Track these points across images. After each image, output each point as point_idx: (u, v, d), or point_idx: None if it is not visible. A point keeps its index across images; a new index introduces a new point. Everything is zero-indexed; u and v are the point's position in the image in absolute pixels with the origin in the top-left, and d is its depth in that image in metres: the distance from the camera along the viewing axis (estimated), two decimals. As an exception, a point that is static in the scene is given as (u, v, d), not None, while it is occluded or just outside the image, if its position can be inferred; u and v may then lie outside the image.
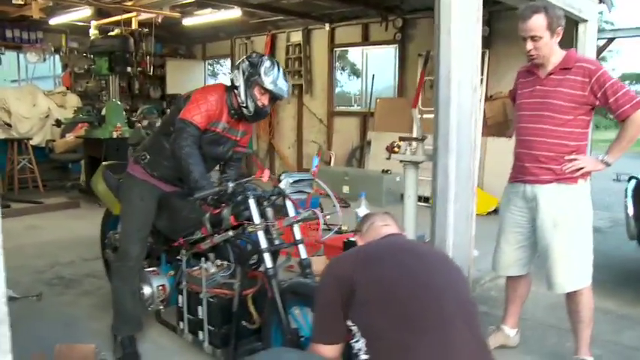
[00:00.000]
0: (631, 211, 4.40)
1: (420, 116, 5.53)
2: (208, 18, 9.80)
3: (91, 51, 8.93)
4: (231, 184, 2.76)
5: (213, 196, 2.80)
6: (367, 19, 9.87)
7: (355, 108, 11.20)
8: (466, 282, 2.14)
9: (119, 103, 8.83)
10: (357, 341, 1.90)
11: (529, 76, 3.19)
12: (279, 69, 3.09)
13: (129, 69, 9.21)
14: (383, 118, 9.36)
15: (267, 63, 3.06)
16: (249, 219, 2.73)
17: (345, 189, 8.51)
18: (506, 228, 3.30)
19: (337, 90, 11.10)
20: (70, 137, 9.12)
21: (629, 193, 4.51)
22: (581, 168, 2.99)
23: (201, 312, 3.04)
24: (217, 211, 2.89)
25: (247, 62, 3.09)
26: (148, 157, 3.30)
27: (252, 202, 2.72)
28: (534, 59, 3.04)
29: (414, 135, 6.87)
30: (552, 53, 3.02)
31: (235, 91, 3.10)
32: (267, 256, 2.69)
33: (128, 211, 3.32)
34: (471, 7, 3.84)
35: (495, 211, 7.17)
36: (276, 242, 2.78)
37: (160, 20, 9.60)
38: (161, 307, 3.40)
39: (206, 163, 3.10)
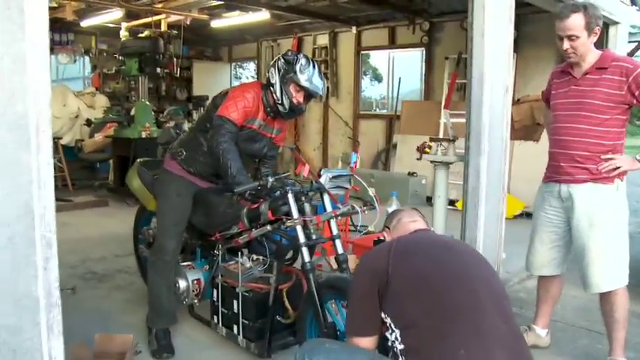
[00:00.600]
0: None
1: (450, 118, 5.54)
2: (236, 20, 9.87)
3: (122, 52, 9.04)
4: (270, 179, 2.80)
5: (252, 191, 2.84)
6: (394, 23, 9.89)
7: (380, 111, 11.18)
8: (497, 276, 2.16)
9: (148, 103, 8.93)
10: (391, 332, 1.92)
11: (563, 76, 3.18)
12: (314, 67, 3.12)
13: (158, 70, 9.31)
14: (409, 121, 9.33)
15: (302, 60, 3.09)
16: (287, 214, 2.76)
17: (371, 191, 8.50)
18: (541, 228, 3.29)
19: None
20: (99, 137, 9.21)
21: None
22: (618, 167, 2.98)
23: (237, 306, 3.08)
24: (255, 205, 2.92)
25: (283, 60, 3.12)
26: (185, 153, 3.33)
27: (290, 197, 2.74)
28: (570, 58, 3.04)
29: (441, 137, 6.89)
30: (588, 52, 3.01)
31: (271, 88, 3.13)
32: (305, 251, 2.72)
33: (164, 206, 3.36)
34: (504, 8, 3.85)
35: (522, 215, 7.14)
36: (314, 237, 2.81)
37: (188, 22, 9.71)
38: (195, 300, 3.44)
39: (242, 160, 3.11)
